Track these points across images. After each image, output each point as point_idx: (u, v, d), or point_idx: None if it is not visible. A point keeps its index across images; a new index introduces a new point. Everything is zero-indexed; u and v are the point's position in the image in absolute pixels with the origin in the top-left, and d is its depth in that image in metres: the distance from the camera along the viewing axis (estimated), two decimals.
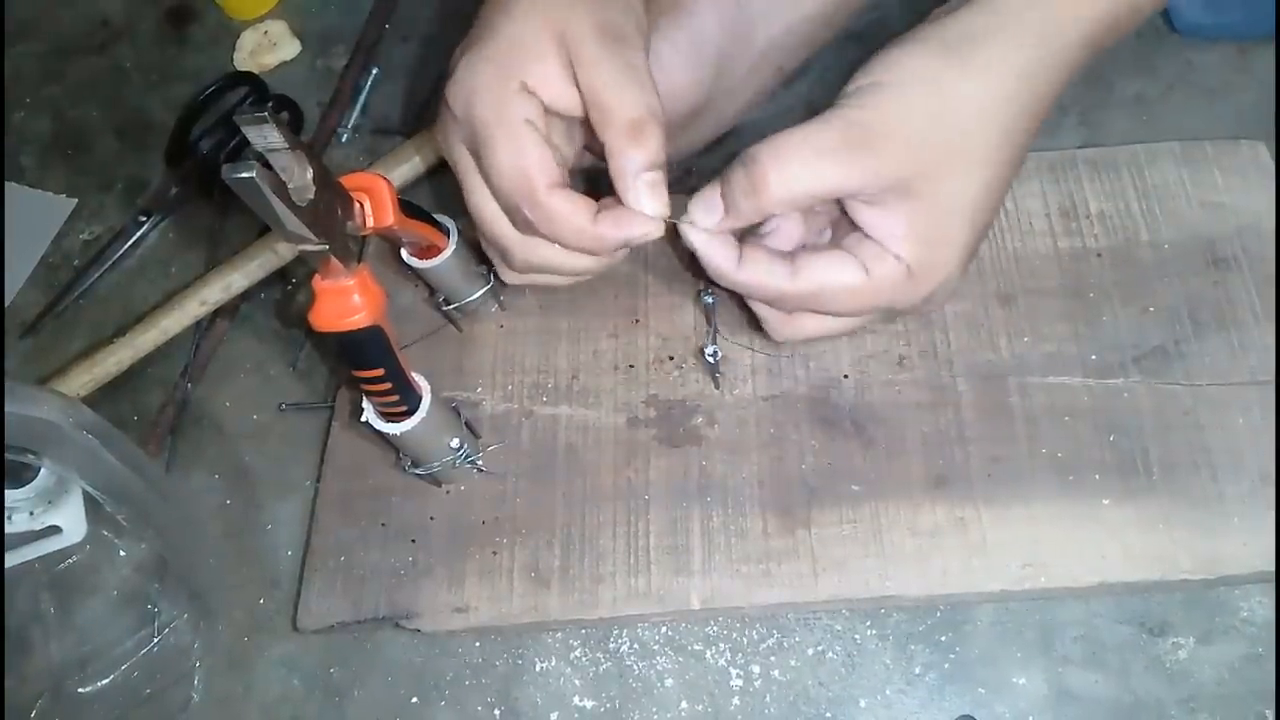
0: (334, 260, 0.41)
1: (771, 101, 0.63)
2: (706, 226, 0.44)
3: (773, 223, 0.46)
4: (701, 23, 0.55)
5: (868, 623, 0.50)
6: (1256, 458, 0.49)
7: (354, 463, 0.55)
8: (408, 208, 0.47)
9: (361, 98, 0.71)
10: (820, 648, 0.50)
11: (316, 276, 0.43)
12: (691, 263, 0.47)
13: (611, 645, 0.51)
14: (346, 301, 0.43)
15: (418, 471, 0.51)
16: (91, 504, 0.50)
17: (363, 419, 0.49)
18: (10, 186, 0.72)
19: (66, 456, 0.46)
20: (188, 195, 0.69)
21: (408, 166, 0.65)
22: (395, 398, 0.47)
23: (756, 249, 0.45)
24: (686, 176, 0.63)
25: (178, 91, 0.74)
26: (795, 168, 0.40)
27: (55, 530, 0.50)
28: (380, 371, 0.45)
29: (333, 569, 0.53)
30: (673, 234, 0.45)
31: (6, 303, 0.67)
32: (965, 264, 0.43)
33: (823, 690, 0.49)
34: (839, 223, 0.46)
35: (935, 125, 0.40)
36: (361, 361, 0.45)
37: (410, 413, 0.48)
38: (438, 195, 0.66)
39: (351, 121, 0.70)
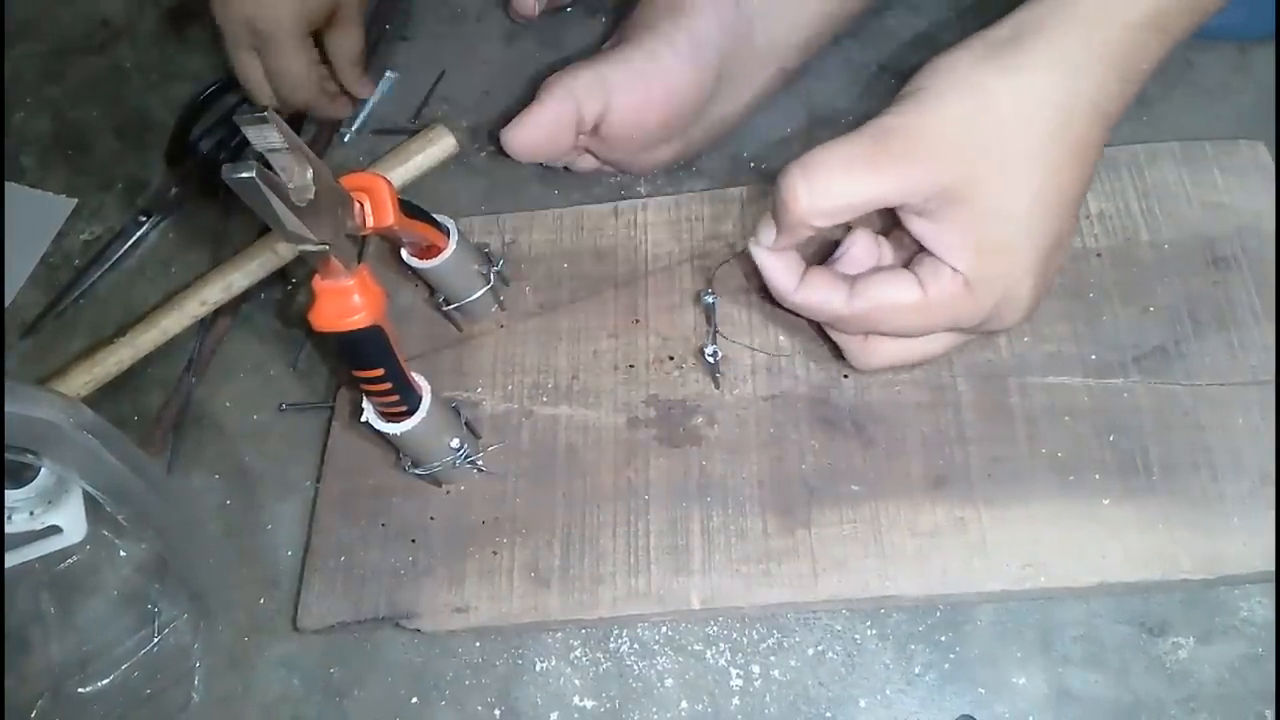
0: (334, 260, 0.41)
1: (773, 102, 0.63)
2: (766, 245, 0.43)
3: (843, 247, 0.45)
4: (702, 24, 0.55)
5: (868, 623, 0.50)
6: (1257, 458, 0.49)
7: (354, 463, 0.55)
8: (408, 208, 0.47)
9: (372, 101, 0.71)
10: (820, 648, 0.50)
11: (316, 276, 0.43)
12: (763, 286, 0.47)
13: (611, 645, 0.51)
14: (346, 301, 0.43)
15: (418, 472, 0.52)
16: (91, 504, 0.50)
17: (363, 419, 0.49)
18: (10, 186, 0.72)
19: (66, 456, 0.46)
20: (188, 195, 0.69)
21: (408, 166, 0.65)
22: (395, 398, 0.47)
23: (818, 271, 0.44)
24: (690, 176, 0.63)
25: (178, 91, 0.74)
26: (825, 178, 0.40)
27: (55, 530, 0.50)
28: (380, 371, 0.45)
29: (333, 569, 0.53)
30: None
31: (6, 303, 0.67)
32: (1035, 275, 0.40)
33: (823, 690, 0.49)
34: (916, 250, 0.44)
35: (974, 128, 0.38)
36: (361, 362, 0.45)
37: (410, 413, 0.48)
38: (438, 195, 0.66)
39: (356, 124, 0.70)
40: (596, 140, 0.58)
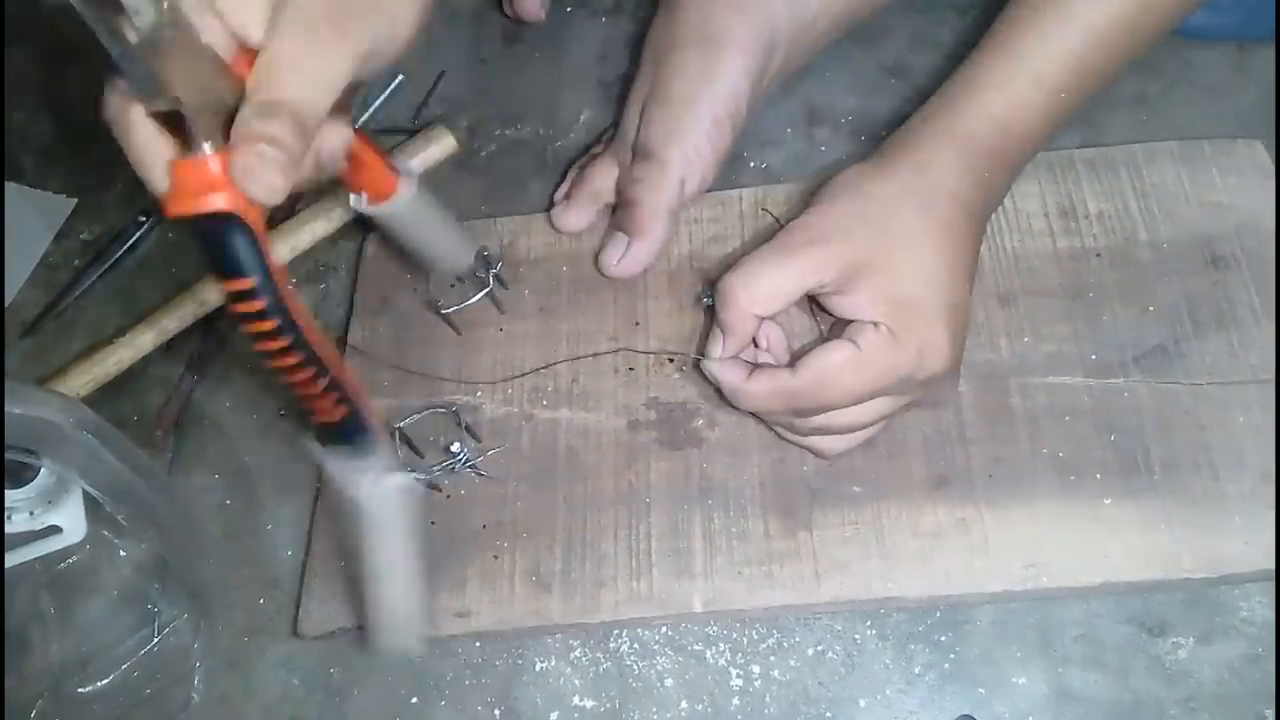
0: (191, 125, 0.34)
1: (773, 102, 0.63)
2: (715, 356, 0.49)
3: (762, 340, 0.50)
4: (735, 84, 0.56)
5: (868, 623, 0.50)
6: (1257, 456, 0.49)
7: None
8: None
9: (379, 100, 0.71)
10: (820, 648, 0.50)
11: (173, 154, 0.35)
12: (720, 394, 0.50)
13: (611, 645, 0.51)
14: (203, 176, 0.34)
15: (418, 477, 0.51)
16: (91, 504, 0.50)
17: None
18: (10, 186, 0.72)
19: (66, 456, 0.46)
20: None
21: None
22: (295, 359, 0.38)
23: (759, 362, 0.49)
24: None
25: None
26: (755, 272, 0.47)
27: (55, 530, 0.50)
28: (250, 282, 0.36)
29: (334, 574, 0.52)
30: None
31: (6, 303, 0.67)
32: (945, 324, 0.46)
33: (823, 690, 0.49)
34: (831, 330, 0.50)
35: (864, 218, 0.47)
36: (223, 263, 0.36)
37: (342, 403, 0.40)
38: (437, 196, 0.65)
39: (357, 125, 0.70)
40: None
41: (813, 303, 0.50)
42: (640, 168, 0.57)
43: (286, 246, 0.62)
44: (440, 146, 0.65)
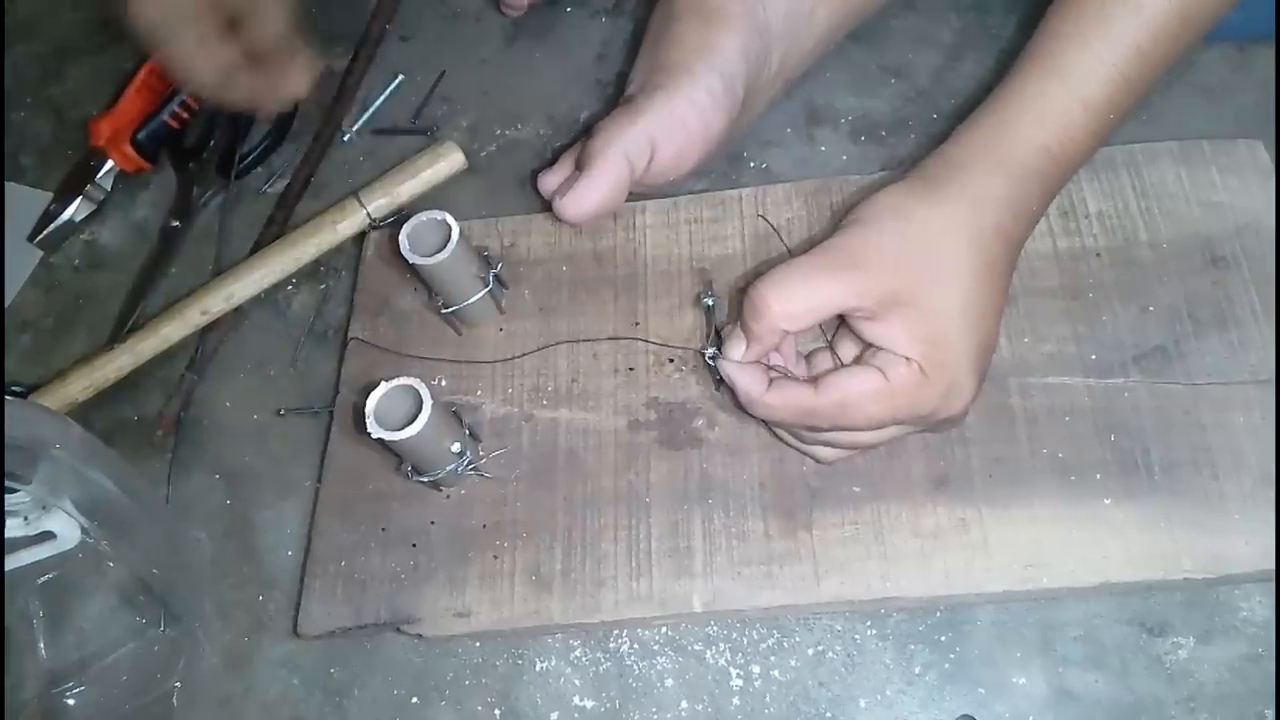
0: None
1: (773, 104, 0.63)
2: (735, 358, 0.47)
3: (771, 358, 0.49)
4: (731, 60, 0.55)
5: (868, 623, 0.50)
6: (1257, 456, 0.49)
7: (354, 468, 0.55)
8: None
9: (379, 101, 0.71)
10: (820, 648, 0.50)
11: None
12: (732, 396, 0.49)
13: (612, 645, 0.51)
14: None
15: (421, 478, 0.51)
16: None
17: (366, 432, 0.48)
18: (10, 186, 0.72)
19: (52, 476, 0.46)
20: (187, 199, 0.69)
21: (416, 181, 0.64)
22: None
23: (781, 377, 0.48)
24: (688, 177, 0.63)
25: None
26: (790, 285, 0.45)
27: (49, 536, 0.50)
28: None
29: (333, 574, 0.53)
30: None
31: (6, 303, 0.67)
32: (973, 368, 0.45)
33: (823, 690, 0.49)
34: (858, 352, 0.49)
35: (907, 246, 0.45)
36: None
37: None
38: (437, 197, 0.65)
39: (357, 125, 0.70)
40: (634, 183, 0.58)
41: None
42: (615, 111, 0.56)
43: (290, 258, 0.62)
44: (449, 163, 0.64)
